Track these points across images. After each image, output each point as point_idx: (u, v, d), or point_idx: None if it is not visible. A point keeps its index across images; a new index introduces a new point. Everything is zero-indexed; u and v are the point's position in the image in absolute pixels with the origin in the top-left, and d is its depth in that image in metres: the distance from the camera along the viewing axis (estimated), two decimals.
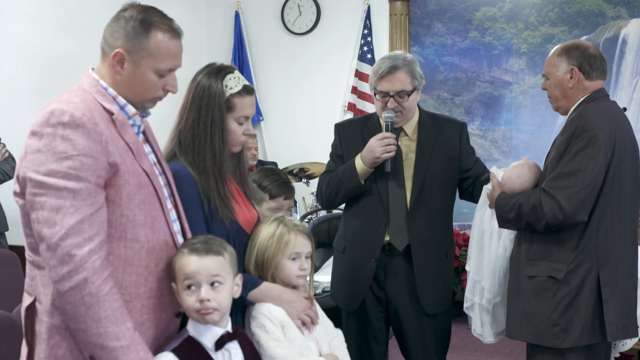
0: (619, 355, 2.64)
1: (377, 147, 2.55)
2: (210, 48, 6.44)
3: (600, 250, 2.28)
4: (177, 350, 1.73)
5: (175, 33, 1.76)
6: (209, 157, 1.99)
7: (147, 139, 1.88)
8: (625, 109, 2.88)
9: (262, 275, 2.06)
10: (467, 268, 2.61)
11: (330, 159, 2.81)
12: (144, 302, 1.71)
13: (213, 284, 1.74)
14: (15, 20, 4.63)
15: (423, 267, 2.63)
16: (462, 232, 5.24)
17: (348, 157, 2.70)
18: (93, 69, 1.77)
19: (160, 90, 1.78)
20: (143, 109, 1.81)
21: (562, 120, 3.08)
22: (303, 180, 5.43)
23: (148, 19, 1.72)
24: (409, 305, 2.65)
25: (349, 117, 5.66)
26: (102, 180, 1.62)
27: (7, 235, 4.22)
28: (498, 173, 2.46)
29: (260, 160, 5.49)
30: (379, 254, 2.64)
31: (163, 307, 1.76)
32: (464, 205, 3.07)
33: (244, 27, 6.25)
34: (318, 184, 2.80)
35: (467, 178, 2.74)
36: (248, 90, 2.04)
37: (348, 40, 5.98)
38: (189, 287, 1.73)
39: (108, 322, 1.58)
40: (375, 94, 2.64)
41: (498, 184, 2.43)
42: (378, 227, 2.64)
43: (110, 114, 1.69)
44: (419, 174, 2.64)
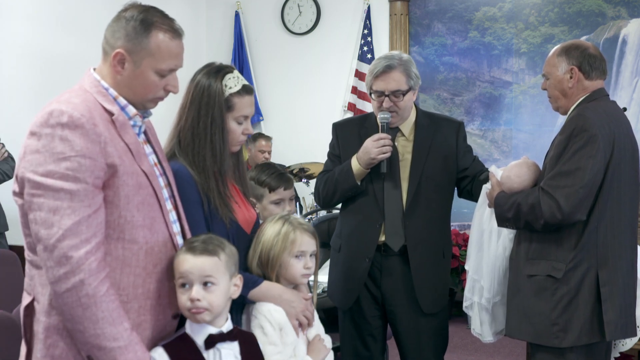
0: (619, 355, 2.64)
1: (372, 148, 2.56)
2: (210, 48, 6.44)
3: (600, 250, 2.28)
4: (167, 346, 1.73)
5: (176, 33, 1.76)
6: (209, 156, 1.98)
7: (148, 140, 1.87)
8: (625, 109, 2.88)
9: (266, 274, 2.06)
10: (466, 267, 2.61)
11: (328, 159, 2.82)
12: (142, 303, 1.71)
13: (206, 284, 1.73)
14: (15, 20, 4.63)
15: (420, 267, 2.63)
16: (462, 232, 5.23)
17: (345, 156, 2.70)
18: (95, 69, 1.77)
19: (161, 91, 1.77)
20: (144, 110, 1.80)
21: (562, 120, 3.08)
22: (303, 180, 5.42)
23: (149, 19, 1.71)
24: (406, 304, 2.66)
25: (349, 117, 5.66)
26: (100, 182, 1.61)
27: (7, 235, 4.22)
28: (497, 172, 2.46)
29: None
30: (373, 254, 2.65)
31: (161, 308, 1.76)
32: (464, 205, 3.07)
33: (244, 27, 6.26)
34: (316, 184, 2.81)
35: (464, 177, 2.74)
36: (247, 90, 2.04)
37: (348, 40, 5.98)
38: (183, 285, 1.74)
39: (105, 323, 1.58)
40: (371, 94, 2.65)
41: (497, 183, 2.43)
42: (373, 227, 2.64)
43: (111, 115, 1.69)
44: (415, 175, 2.64)
